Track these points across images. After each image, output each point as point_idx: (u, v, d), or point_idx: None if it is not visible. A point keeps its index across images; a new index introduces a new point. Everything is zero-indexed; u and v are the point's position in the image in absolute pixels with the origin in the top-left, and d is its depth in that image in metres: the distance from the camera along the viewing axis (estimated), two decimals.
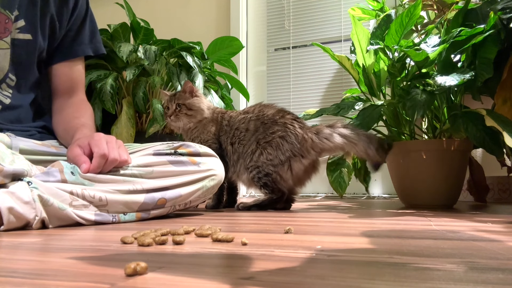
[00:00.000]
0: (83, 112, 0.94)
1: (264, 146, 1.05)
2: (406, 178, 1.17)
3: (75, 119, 0.89)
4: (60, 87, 0.96)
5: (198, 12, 2.36)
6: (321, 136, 1.04)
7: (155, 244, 0.47)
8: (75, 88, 0.97)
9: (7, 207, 0.59)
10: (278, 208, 1.08)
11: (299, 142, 1.03)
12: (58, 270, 0.34)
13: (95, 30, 1.01)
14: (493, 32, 1.00)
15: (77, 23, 0.96)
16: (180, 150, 0.84)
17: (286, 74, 2.21)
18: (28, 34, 0.86)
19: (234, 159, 1.10)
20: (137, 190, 0.74)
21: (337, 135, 1.02)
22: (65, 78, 0.96)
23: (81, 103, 0.97)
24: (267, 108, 1.12)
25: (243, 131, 1.09)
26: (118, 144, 0.77)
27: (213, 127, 1.15)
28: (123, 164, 0.75)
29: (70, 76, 0.96)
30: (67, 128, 0.88)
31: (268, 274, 0.32)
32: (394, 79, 1.20)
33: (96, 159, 0.71)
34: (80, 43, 0.97)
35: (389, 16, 1.29)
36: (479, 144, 1.00)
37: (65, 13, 0.93)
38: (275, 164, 1.03)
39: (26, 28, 0.86)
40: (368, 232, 0.58)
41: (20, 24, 0.85)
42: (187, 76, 1.52)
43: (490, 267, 0.34)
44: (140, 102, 1.44)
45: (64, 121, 0.91)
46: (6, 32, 0.83)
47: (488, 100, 1.13)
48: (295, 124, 1.06)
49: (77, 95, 0.98)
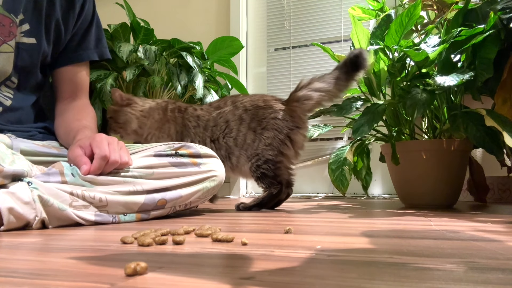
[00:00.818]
0: (85, 115, 0.93)
1: (261, 133, 1.05)
2: (406, 178, 1.17)
3: (77, 121, 0.89)
4: (64, 90, 0.96)
5: (198, 12, 2.36)
6: (302, 100, 1.07)
7: (155, 244, 0.47)
8: (78, 92, 0.97)
9: (7, 207, 0.59)
10: (279, 202, 1.09)
11: (290, 115, 1.06)
12: (58, 270, 0.34)
13: (101, 35, 1.00)
14: (493, 32, 1.00)
15: (83, 28, 0.95)
16: (181, 151, 0.84)
17: (286, 74, 2.21)
18: (33, 38, 0.86)
19: (223, 154, 1.09)
20: (137, 191, 0.74)
21: (313, 92, 1.06)
22: (69, 82, 0.96)
23: (84, 106, 0.97)
24: (239, 97, 1.12)
25: (224, 125, 1.08)
26: (119, 145, 0.77)
27: (171, 129, 1.12)
28: (124, 166, 0.75)
29: (74, 81, 0.96)
30: (68, 130, 0.87)
31: (268, 274, 0.32)
32: (394, 79, 1.20)
33: (96, 161, 0.71)
34: (86, 48, 0.96)
35: (389, 16, 1.29)
36: (479, 144, 1.00)
37: (71, 17, 0.92)
38: (275, 146, 1.04)
39: (30, 32, 0.85)
40: (368, 232, 0.58)
41: (24, 28, 0.84)
42: (187, 76, 1.52)
43: (490, 267, 0.34)
44: None
45: (66, 123, 0.90)
46: (10, 36, 0.83)
47: (488, 100, 1.13)
48: (277, 102, 1.09)
49: (80, 99, 0.97)
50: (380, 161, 1.37)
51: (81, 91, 0.98)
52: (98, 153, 0.71)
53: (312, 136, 1.35)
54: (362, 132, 1.05)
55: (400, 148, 1.15)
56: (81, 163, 0.71)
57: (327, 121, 2.07)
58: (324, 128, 1.39)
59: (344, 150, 1.27)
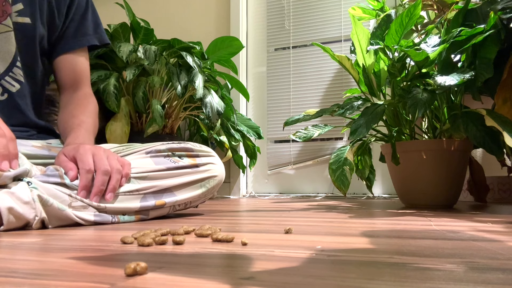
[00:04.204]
0: (82, 109, 0.91)
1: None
2: (406, 178, 1.17)
3: (73, 118, 0.88)
4: (64, 80, 0.94)
5: (198, 12, 2.36)
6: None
7: (155, 244, 0.47)
8: (79, 81, 0.95)
9: (6, 207, 0.59)
10: None
11: None
12: (58, 270, 0.34)
13: (98, 20, 0.98)
14: (493, 32, 1.00)
15: (79, 13, 0.94)
16: (179, 153, 0.84)
17: (286, 74, 2.21)
18: (27, 18, 0.85)
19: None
20: (136, 194, 0.74)
21: None
22: (69, 71, 0.94)
23: (83, 98, 0.95)
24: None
25: None
26: (106, 154, 0.73)
27: None
28: (125, 175, 0.73)
29: (74, 69, 0.94)
30: (65, 128, 0.86)
31: (268, 274, 0.32)
32: (394, 79, 1.20)
33: (82, 176, 0.68)
34: (85, 34, 0.95)
35: (389, 16, 1.29)
36: (479, 144, 1.00)
37: (63, 0, 0.91)
38: None
39: (24, 12, 0.84)
40: (368, 232, 0.58)
41: (19, 7, 0.83)
42: (187, 76, 1.52)
43: (490, 267, 0.34)
44: (140, 102, 1.44)
45: (64, 120, 0.90)
46: (4, 15, 0.81)
47: (488, 100, 1.13)
48: None
49: (82, 89, 0.95)
50: (380, 161, 1.37)
51: (82, 79, 0.96)
52: (81, 168, 0.69)
53: (312, 136, 1.35)
54: (360, 134, 1.05)
55: (400, 148, 1.15)
56: (66, 169, 0.69)
57: (327, 121, 2.07)
58: (324, 128, 1.39)
59: (345, 150, 1.27)
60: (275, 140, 2.21)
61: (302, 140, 1.33)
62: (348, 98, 1.32)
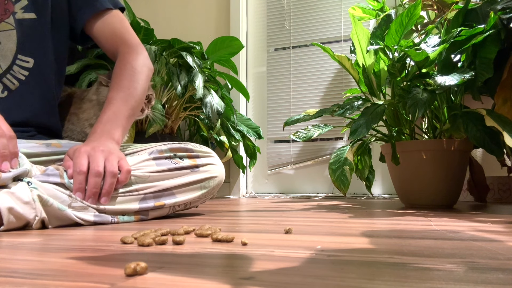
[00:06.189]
0: (115, 81, 0.85)
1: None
2: (406, 178, 1.17)
3: (107, 98, 0.84)
4: (106, 50, 0.92)
5: (198, 12, 2.36)
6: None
7: (155, 244, 0.47)
8: (115, 46, 0.91)
9: (7, 207, 0.59)
10: None
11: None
12: (58, 270, 0.34)
13: None
14: (493, 32, 1.00)
15: None
16: (180, 153, 0.84)
17: (286, 74, 2.21)
18: (32, 13, 0.84)
19: None
20: (135, 194, 0.74)
21: None
22: (102, 40, 0.91)
23: (119, 65, 0.88)
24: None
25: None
26: (104, 155, 0.71)
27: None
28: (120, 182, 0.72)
29: (105, 36, 0.91)
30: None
31: (268, 274, 0.32)
32: (394, 79, 1.20)
33: (74, 177, 0.68)
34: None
35: (389, 16, 1.29)
36: (479, 144, 1.00)
37: None
38: None
39: (29, 7, 0.84)
40: (368, 232, 0.58)
41: (23, 4, 0.83)
42: (187, 76, 1.52)
43: (490, 267, 0.34)
44: None
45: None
46: (6, 13, 0.81)
47: (488, 100, 1.13)
48: None
49: (120, 53, 0.90)
50: (380, 161, 1.37)
51: (116, 43, 0.91)
52: (74, 170, 0.69)
53: (312, 136, 1.35)
54: (360, 134, 1.05)
55: (400, 148, 1.15)
56: (65, 167, 0.70)
57: (327, 121, 2.07)
58: (324, 128, 1.39)
59: (345, 150, 1.27)
60: (275, 140, 2.21)
61: (302, 140, 1.33)
62: (348, 98, 1.31)
